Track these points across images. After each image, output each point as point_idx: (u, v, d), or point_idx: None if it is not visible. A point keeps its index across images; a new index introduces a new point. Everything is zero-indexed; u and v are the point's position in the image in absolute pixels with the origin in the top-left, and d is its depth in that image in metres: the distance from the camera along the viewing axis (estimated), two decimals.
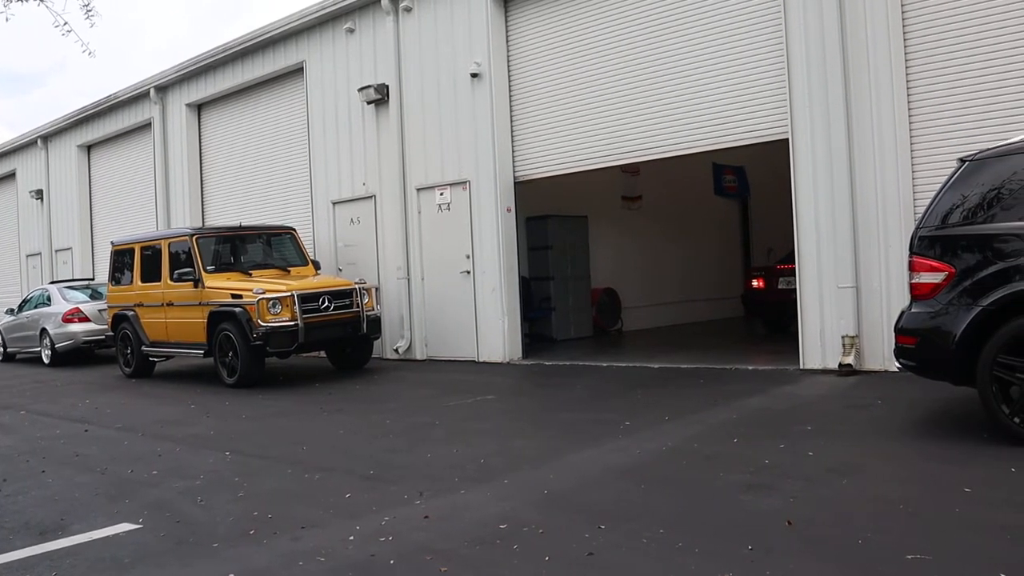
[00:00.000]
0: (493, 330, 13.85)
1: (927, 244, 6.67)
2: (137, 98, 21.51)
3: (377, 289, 14.11)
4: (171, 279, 13.70)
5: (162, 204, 20.77)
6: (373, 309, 13.26)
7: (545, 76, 13.55)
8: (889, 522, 4.75)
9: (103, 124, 23.19)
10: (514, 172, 13.91)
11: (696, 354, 13.09)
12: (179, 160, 20.38)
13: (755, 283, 15.46)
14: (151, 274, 14.33)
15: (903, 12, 9.86)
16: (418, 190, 14.83)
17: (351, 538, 5.11)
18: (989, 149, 6.72)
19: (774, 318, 15.83)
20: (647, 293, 18.69)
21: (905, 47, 9.84)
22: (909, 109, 9.82)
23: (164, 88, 20.56)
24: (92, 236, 24.42)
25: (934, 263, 6.57)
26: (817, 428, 7.33)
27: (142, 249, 14.66)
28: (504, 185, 13.78)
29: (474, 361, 14.03)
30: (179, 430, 9.42)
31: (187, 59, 19.51)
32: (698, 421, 7.97)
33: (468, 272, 14.13)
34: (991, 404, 6.25)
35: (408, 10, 14.77)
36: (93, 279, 21.65)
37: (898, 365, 7.03)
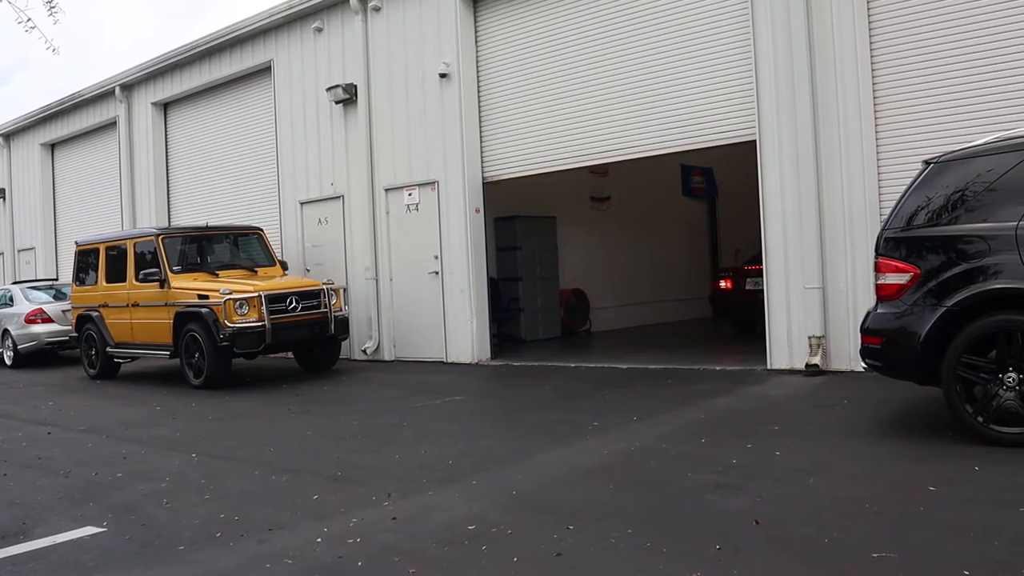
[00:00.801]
0: (461, 331, 13.83)
1: (892, 245, 6.73)
2: (102, 96, 21.30)
3: (345, 290, 14.06)
4: (136, 279, 13.57)
5: (127, 204, 20.58)
6: (341, 310, 13.21)
7: (514, 76, 13.55)
8: (855, 521, 4.78)
9: (67, 122, 22.96)
10: (483, 172, 13.90)
11: (664, 355, 13.14)
12: (145, 159, 20.20)
13: (723, 284, 15.49)
14: (116, 274, 14.19)
15: (869, 16, 9.94)
16: (386, 190, 14.78)
17: (319, 540, 5.08)
18: (953, 152, 6.79)
19: (741, 318, 15.87)
20: (615, 294, 18.73)
21: (871, 51, 9.93)
22: (875, 112, 9.91)
23: (130, 86, 20.38)
24: (56, 236, 24.16)
25: (899, 264, 6.63)
26: (784, 428, 7.38)
27: (107, 249, 14.52)
28: (472, 185, 13.77)
29: (442, 362, 14.00)
30: (145, 432, 9.33)
31: (153, 57, 19.33)
32: (666, 421, 8.00)
33: (436, 273, 14.10)
34: (955, 404, 6.32)
35: (377, 10, 14.73)
36: (57, 279, 21.43)
37: (864, 365, 7.10)
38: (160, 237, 13.41)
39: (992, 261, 6.15)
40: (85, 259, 15.13)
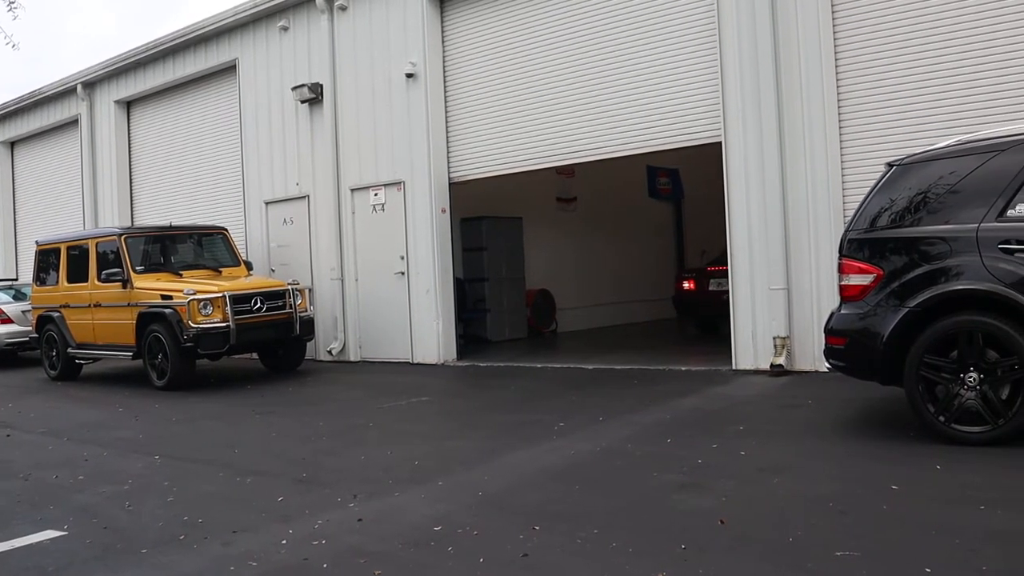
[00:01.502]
0: (427, 331, 13.81)
1: (856, 246, 6.79)
2: (63, 94, 21.05)
3: (310, 290, 13.98)
4: (99, 279, 13.42)
5: (89, 203, 20.34)
6: (306, 310, 13.15)
7: (481, 77, 13.55)
8: (819, 520, 4.82)
9: (27, 120, 22.66)
10: (449, 173, 13.88)
11: (630, 355, 13.18)
12: (107, 158, 19.98)
13: (686, 284, 15.53)
14: (78, 274, 14.03)
15: (834, 20, 10.03)
16: (352, 190, 14.73)
17: (284, 542, 5.05)
18: (916, 154, 6.86)
19: (705, 319, 15.95)
20: (582, 294, 18.78)
21: (836, 54, 10.02)
22: (839, 114, 10.00)
23: (92, 84, 20.16)
24: (15, 235, 23.84)
25: (863, 265, 6.69)
26: (749, 428, 7.43)
27: (68, 249, 14.36)
28: (439, 186, 13.75)
29: (408, 362, 13.97)
30: (107, 434, 9.24)
31: (116, 55, 19.12)
32: (632, 422, 8.02)
33: (402, 273, 14.07)
34: (918, 403, 6.39)
35: (343, 9, 14.67)
36: (16, 279, 21.11)
37: (828, 365, 7.16)
38: (123, 237, 13.27)
39: (954, 262, 6.23)
40: (46, 259, 14.95)
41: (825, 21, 10.04)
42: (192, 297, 11.94)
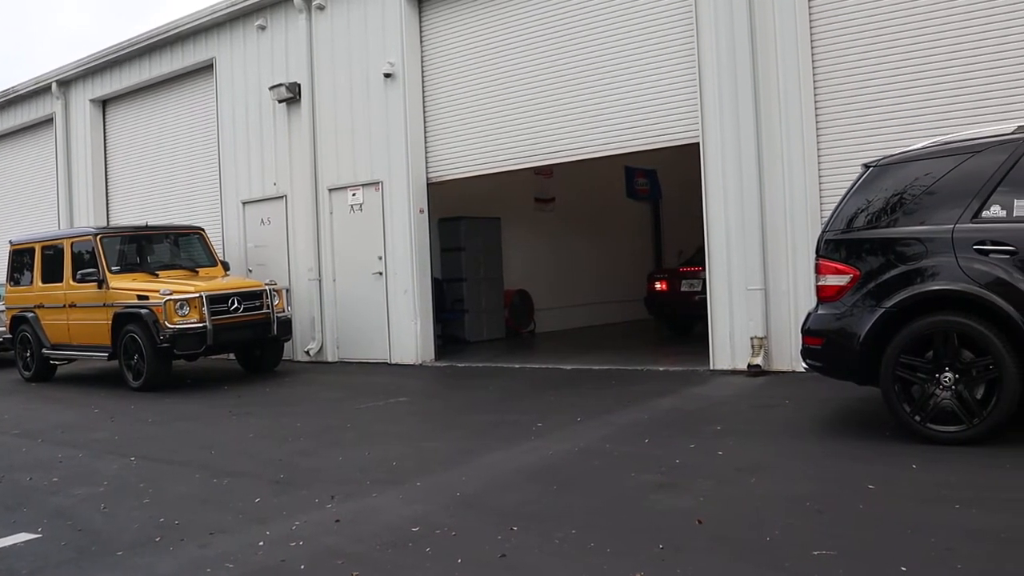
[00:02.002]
0: (405, 332, 13.78)
1: (833, 247, 6.83)
2: (38, 92, 20.87)
3: (288, 290, 13.94)
4: (74, 280, 13.31)
5: (64, 202, 20.18)
6: (283, 311, 13.10)
7: (459, 77, 13.53)
8: (796, 519, 4.84)
9: (1, 119, 22.44)
10: (427, 173, 13.86)
11: (608, 355, 13.20)
12: (82, 157, 19.83)
13: (658, 285, 15.48)
14: (53, 274, 13.92)
15: (811, 23, 10.07)
16: (330, 190, 14.68)
17: (261, 543, 5.03)
18: (892, 155, 6.91)
19: (677, 321, 15.94)
20: (560, 295, 18.78)
21: (813, 56, 10.06)
22: (816, 115, 10.05)
23: (67, 83, 20.00)
24: None
25: (839, 266, 6.73)
26: (727, 428, 7.45)
27: (43, 249, 14.24)
28: (417, 186, 13.72)
29: (386, 363, 13.93)
30: (82, 435, 9.17)
31: (92, 53, 18.98)
32: (610, 422, 8.03)
33: (380, 273, 14.04)
34: (894, 403, 6.43)
35: (321, 8, 14.62)
36: None
37: (805, 365, 7.18)
38: (98, 236, 13.19)
39: (929, 263, 6.27)
40: (20, 259, 14.83)
41: (802, 23, 10.09)
42: (168, 297, 11.87)
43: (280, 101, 15.14)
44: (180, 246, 14.28)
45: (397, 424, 8.90)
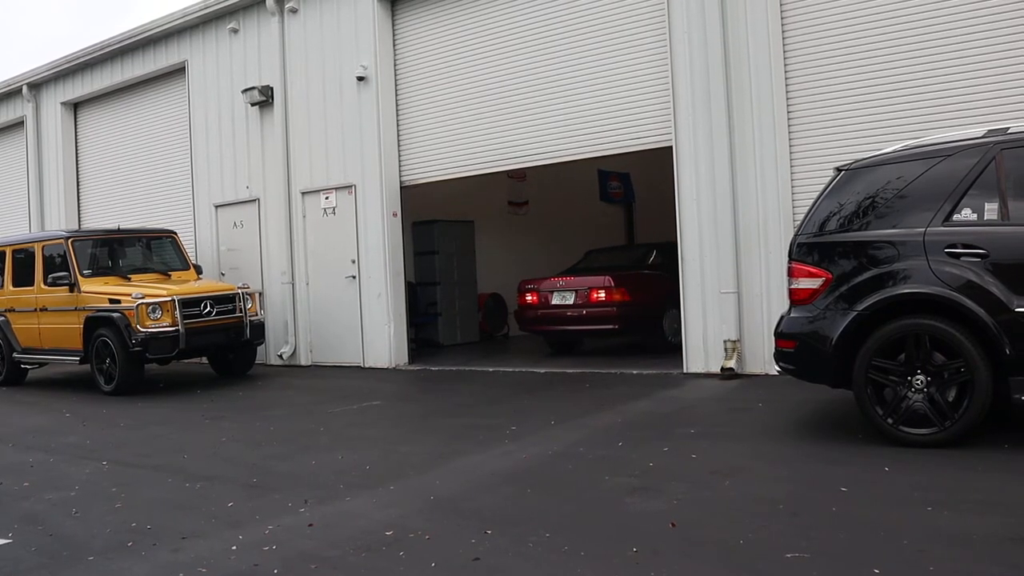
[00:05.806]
0: (379, 335, 13.75)
1: (805, 250, 6.87)
2: (8, 95, 20.66)
3: (261, 294, 13.87)
4: (45, 283, 13.19)
5: (35, 205, 19.99)
6: (256, 314, 13.04)
7: (432, 80, 13.52)
8: (769, 522, 4.86)
9: None
10: (400, 176, 13.84)
11: (582, 359, 13.22)
12: (54, 160, 19.66)
13: (528, 298, 13.90)
14: (23, 278, 13.78)
15: (783, 25, 10.14)
16: (303, 194, 14.63)
17: (234, 548, 5.00)
18: (864, 159, 6.97)
19: (553, 339, 14.58)
20: None
21: (785, 59, 10.13)
22: (788, 118, 10.12)
23: (38, 85, 19.82)
24: None
25: (812, 269, 6.77)
26: (700, 431, 7.48)
27: (14, 252, 14.10)
28: (390, 189, 13.70)
29: (360, 367, 13.90)
30: (53, 439, 9.08)
31: (63, 56, 18.82)
32: (584, 425, 8.04)
33: (354, 277, 14.00)
34: (866, 406, 6.47)
35: (294, 11, 14.57)
36: None
37: (778, 368, 7.22)
38: (70, 240, 13.07)
39: (901, 266, 6.32)
40: None
41: (774, 26, 10.15)
42: (140, 301, 11.79)
43: (253, 104, 15.08)
44: (152, 249, 14.17)
45: (371, 428, 8.87)
